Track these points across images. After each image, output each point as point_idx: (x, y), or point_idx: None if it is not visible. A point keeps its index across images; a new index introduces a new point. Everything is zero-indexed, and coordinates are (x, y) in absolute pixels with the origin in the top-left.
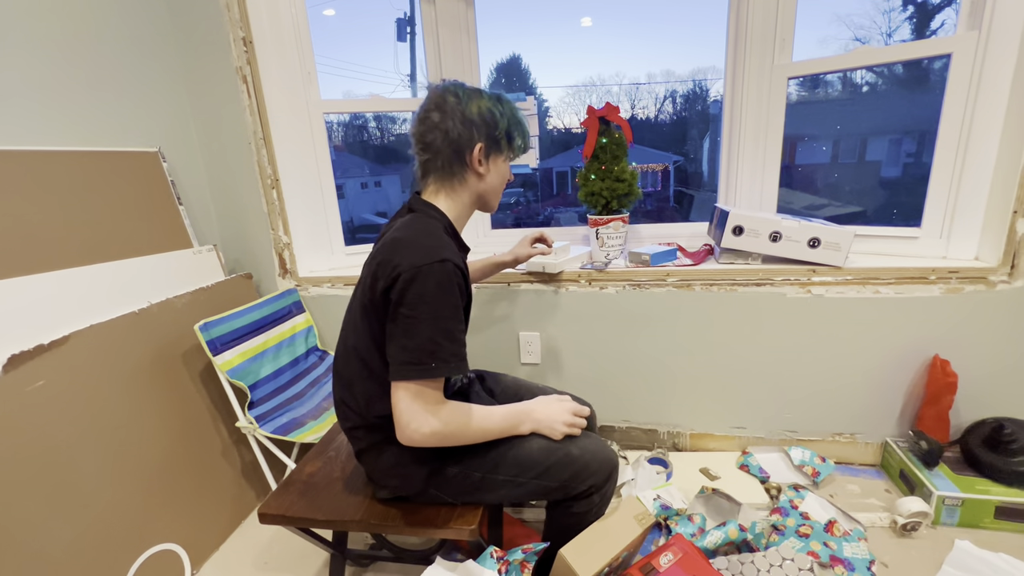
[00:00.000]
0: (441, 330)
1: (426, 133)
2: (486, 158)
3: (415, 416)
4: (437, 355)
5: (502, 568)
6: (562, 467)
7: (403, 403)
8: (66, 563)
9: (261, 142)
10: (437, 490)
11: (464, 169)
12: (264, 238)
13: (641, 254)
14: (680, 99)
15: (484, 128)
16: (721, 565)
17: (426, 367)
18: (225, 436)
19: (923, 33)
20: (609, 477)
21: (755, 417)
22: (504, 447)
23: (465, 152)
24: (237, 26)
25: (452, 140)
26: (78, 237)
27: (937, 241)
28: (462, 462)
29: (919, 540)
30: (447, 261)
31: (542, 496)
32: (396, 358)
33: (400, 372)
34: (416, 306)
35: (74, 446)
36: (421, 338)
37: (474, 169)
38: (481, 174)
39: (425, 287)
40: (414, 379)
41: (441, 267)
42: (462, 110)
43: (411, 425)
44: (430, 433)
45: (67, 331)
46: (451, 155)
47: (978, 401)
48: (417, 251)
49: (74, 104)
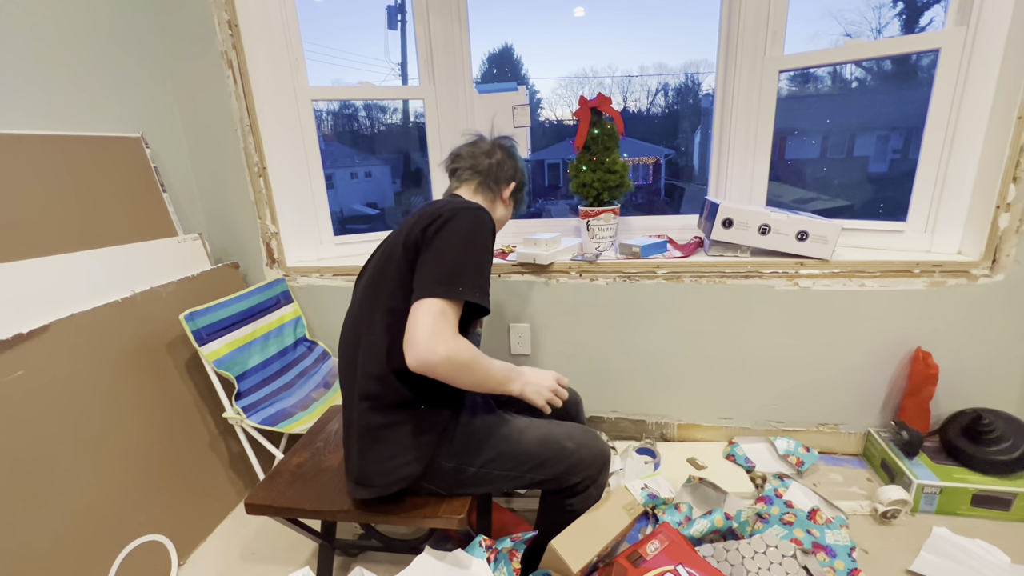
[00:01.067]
0: (472, 262)
1: (478, 155)
2: (510, 196)
3: (434, 333)
4: (465, 280)
5: (491, 557)
6: (557, 461)
7: (424, 319)
8: (50, 556)
9: (247, 129)
10: (431, 484)
11: (495, 194)
12: (251, 227)
13: (631, 246)
14: (672, 92)
15: (519, 179)
16: (706, 552)
17: (453, 288)
18: (212, 427)
19: (912, 29)
20: (602, 469)
21: (742, 408)
22: (499, 441)
23: (502, 182)
24: (222, 8)
25: (505, 170)
26: (58, 224)
27: (922, 235)
28: (457, 456)
29: (899, 527)
30: (484, 211)
31: (537, 487)
32: (425, 278)
33: (427, 289)
34: (451, 236)
35: (55, 438)
36: (452, 263)
37: (501, 198)
38: (504, 203)
39: (462, 223)
40: (440, 296)
41: (478, 212)
42: (513, 155)
43: (428, 343)
44: (444, 355)
45: (47, 320)
46: (494, 177)
47: (958, 392)
48: (458, 204)
49: (51, 86)
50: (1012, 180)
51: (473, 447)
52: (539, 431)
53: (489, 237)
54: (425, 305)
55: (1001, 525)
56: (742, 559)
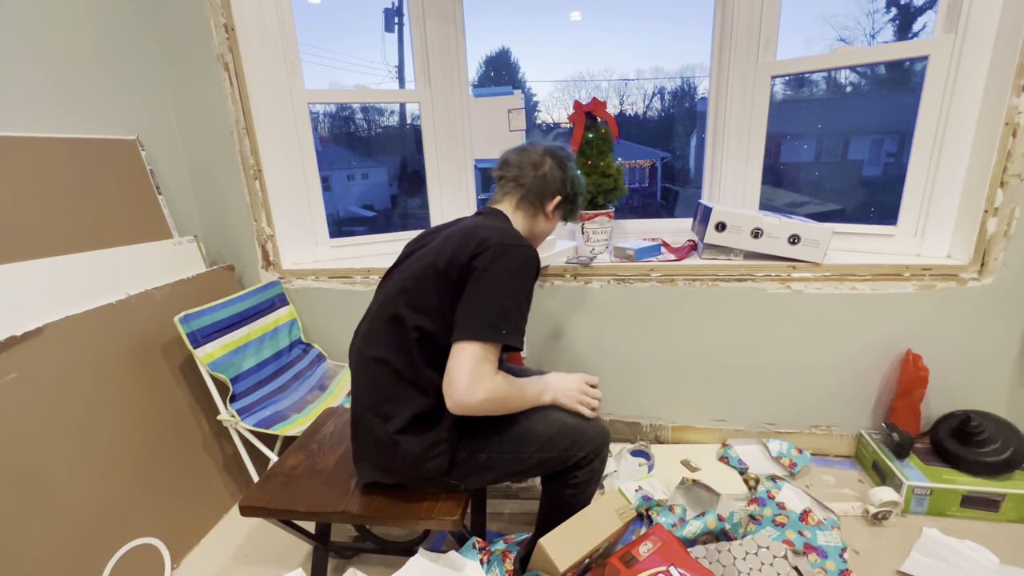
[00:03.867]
0: (517, 304)
1: (525, 166)
2: (554, 209)
3: (474, 379)
4: (509, 323)
5: (484, 558)
6: (562, 436)
7: (468, 363)
8: (43, 559)
9: (244, 132)
10: (447, 476)
11: (537, 210)
12: (247, 230)
13: (626, 249)
14: (668, 96)
15: (569, 193)
16: (699, 554)
17: (498, 330)
18: (206, 429)
19: (905, 35)
20: (604, 442)
21: (735, 410)
22: (506, 425)
23: (546, 197)
24: (218, 12)
25: (550, 184)
26: (52, 226)
27: (912, 239)
28: (469, 446)
29: (889, 528)
30: (533, 249)
31: (545, 468)
32: (471, 316)
33: (471, 331)
34: (500, 277)
35: (49, 440)
36: (499, 305)
37: (544, 212)
38: (546, 217)
39: (512, 262)
40: (484, 340)
41: (528, 251)
42: (564, 167)
43: (468, 388)
44: (484, 398)
45: (41, 322)
46: (537, 192)
47: (948, 394)
48: (505, 235)
49: (47, 89)
50: (1000, 185)
51: (482, 434)
52: (540, 412)
53: (535, 277)
54: (468, 350)
55: (990, 526)
56: (734, 560)
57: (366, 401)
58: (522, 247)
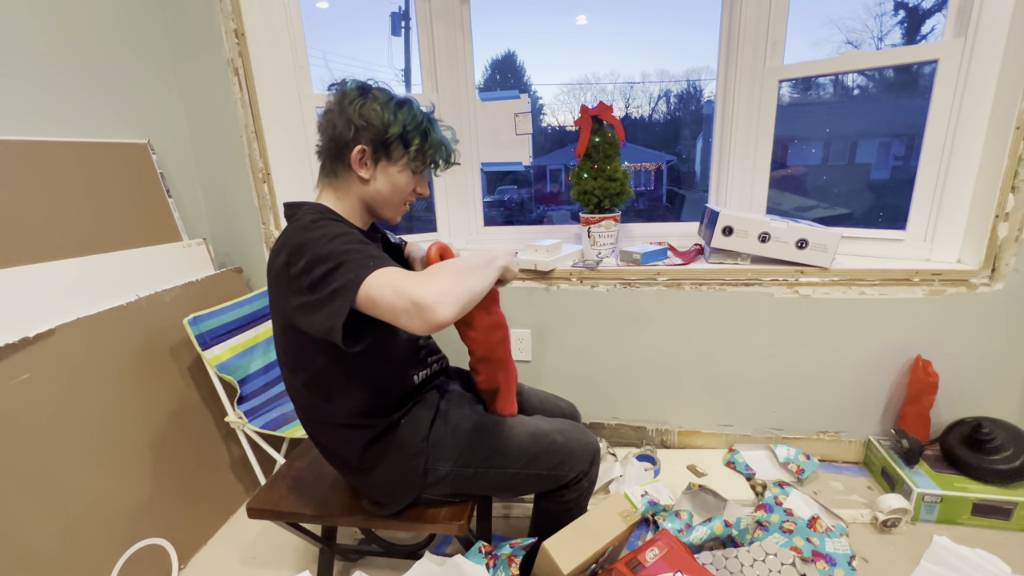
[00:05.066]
0: (343, 247)
1: (319, 127)
2: (373, 163)
3: (415, 297)
4: (364, 254)
5: (490, 563)
6: (549, 455)
7: (388, 293)
8: (53, 558)
9: (253, 135)
10: (434, 493)
11: (346, 170)
12: (255, 232)
13: (632, 253)
14: (674, 99)
15: (369, 131)
16: (706, 560)
17: (365, 266)
18: (214, 431)
19: (914, 38)
20: (592, 461)
21: (742, 415)
22: (491, 439)
23: (344, 152)
24: (229, 18)
25: (334, 137)
26: (65, 229)
27: (921, 244)
28: (451, 459)
29: (899, 536)
30: (308, 213)
31: (535, 486)
32: (331, 281)
33: (350, 286)
34: (312, 252)
35: (60, 440)
36: (336, 259)
37: (356, 172)
38: (365, 179)
39: (305, 236)
40: (363, 278)
41: (303, 217)
42: (355, 110)
43: (422, 312)
44: (441, 301)
45: (53, 324)
46: (332, 153)
47: (958, 401)
48: (288, 231)
49: (61, 94)
50: (1011, 190)
51: (464, 447)
52: (528, 427)
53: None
54: (376, 287)
55: (1002, 535)
56: (741, 567)
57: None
58: (295, 224)
